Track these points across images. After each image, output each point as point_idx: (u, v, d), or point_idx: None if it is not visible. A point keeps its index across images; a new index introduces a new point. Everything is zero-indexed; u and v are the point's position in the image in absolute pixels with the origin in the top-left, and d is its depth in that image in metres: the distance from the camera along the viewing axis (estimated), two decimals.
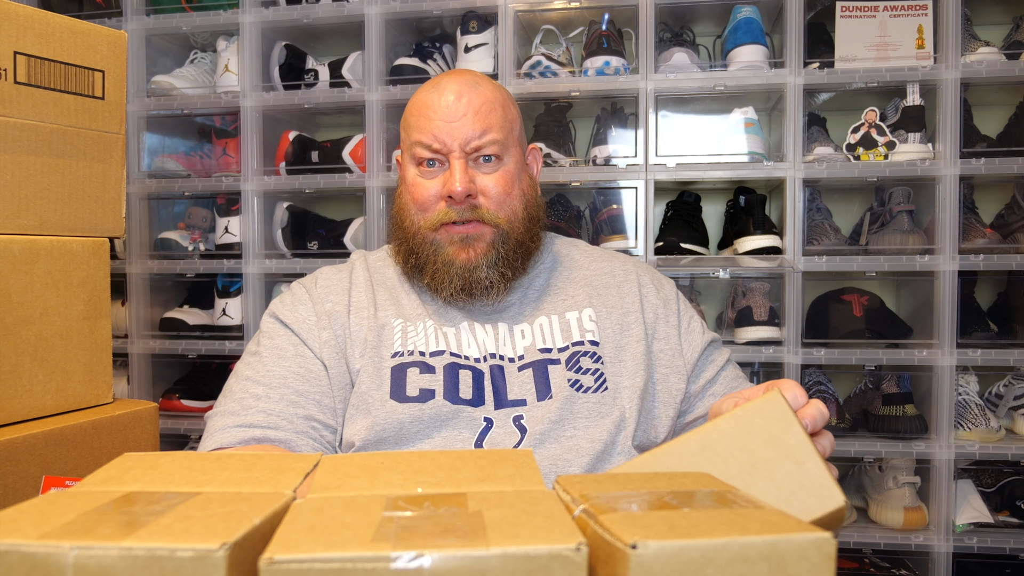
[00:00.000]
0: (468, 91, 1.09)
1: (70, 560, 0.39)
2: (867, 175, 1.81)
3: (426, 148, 1.08)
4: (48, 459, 1.03)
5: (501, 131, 1.09)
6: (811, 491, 0.62)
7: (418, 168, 1.11)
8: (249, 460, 0.58)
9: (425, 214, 1.10)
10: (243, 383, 1.06)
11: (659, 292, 1.17)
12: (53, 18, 1.09)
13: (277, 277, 2.06)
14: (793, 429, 0.65)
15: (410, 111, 1.13)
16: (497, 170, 1.10)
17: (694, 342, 1.14)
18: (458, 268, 1.08)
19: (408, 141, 1.12)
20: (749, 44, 1.84)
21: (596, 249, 1.26)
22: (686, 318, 1.17)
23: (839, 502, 0.62)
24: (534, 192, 1.17)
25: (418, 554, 0.38)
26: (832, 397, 1.90)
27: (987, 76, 1.76)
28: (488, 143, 1.08)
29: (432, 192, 1.09)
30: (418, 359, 1.06)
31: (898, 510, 1.79)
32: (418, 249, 1.11)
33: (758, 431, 0.65)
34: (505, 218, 1.10)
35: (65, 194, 1.12)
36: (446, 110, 1.08)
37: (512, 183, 1.11)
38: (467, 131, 1.07)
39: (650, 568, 0.39)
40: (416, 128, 1.10)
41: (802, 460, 0.63)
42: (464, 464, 0.56)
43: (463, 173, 1.07)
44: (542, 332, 1.10)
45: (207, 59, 2.14)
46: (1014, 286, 1.89)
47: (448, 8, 1.94)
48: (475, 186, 1.08)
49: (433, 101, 1.09)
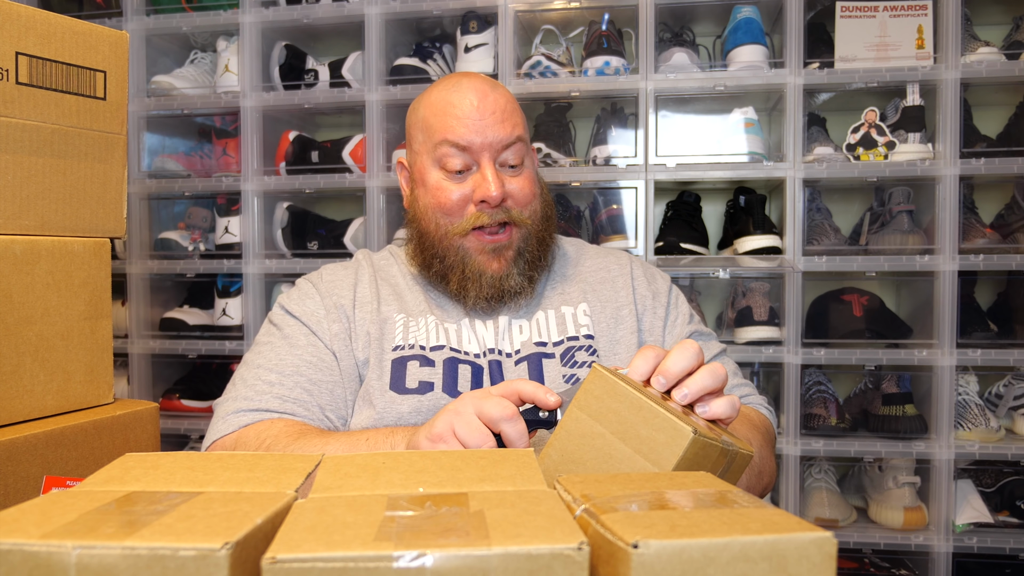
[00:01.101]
0: (491, 92, 1.09)
1: (72, 559, 0.39)
2: (867, 175, 1.81)
3: (454, 147, 1.07)
4: (49, 459, 1.03)
5: (524, 130, 1.11)
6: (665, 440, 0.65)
7: (443, 172, 1.09)
8: (251, 460, 0.58)
9: (452, 218, 1.09)
10: (255, 371, 1.05)
11: (650, 285, 1.18)
12: (55, 19, 1.09)
13: (277, 277, 2.06)
14: (624, 394, 0.67)
15: (431, 111, 1.11)
16: (521, 173, 1.11)
17: (676, 334, 1.15)
18: (489, 278, 1.08)
19: (430, 142, 1.10)
20: (749, 44, 1.85)
21: (595, 247, 1.27)
22: (674, 313, 1.17)
23: (687, 435, 0.64)
24: (546, 191, 1.19)
25: (420, 553, 0.38)
26: (832, 397, 1.90)
27: (987, 76, 1.76)
28: (516, 141, 1.09)
29: (460, 197, 1.08)
30: (418, 352, 1.07)
31: (898, 510, 1.79)
32: (444, 254, 1.10)
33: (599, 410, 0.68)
34: (529, 217, 1.11)
35: (66, 194, 1.12)
36: (473, 110, 1.07)
37: (534, 184, 1.13)
38: (497, 132, 1.07)
39: (651, 567, 0.39)
40: (441, 128, 1.08)
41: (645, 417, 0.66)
42: (465, 464, 0.56)
43: (496, 177, 1.06)
44: (539, 326, 1.11)
45: (207, 59, 2.14)
46: (1014, 286, 1.89)
47: (448, 8, 1.94)
48: (505, 190, 1.08)
49: (457, 100, 1.08)
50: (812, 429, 1.84)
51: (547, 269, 1.18)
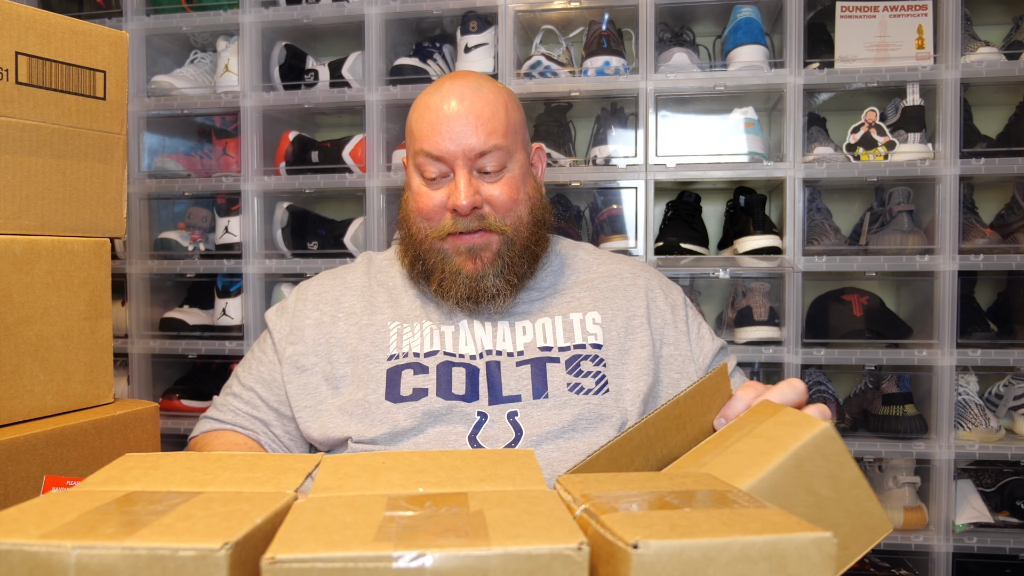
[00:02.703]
0: (471, 94, 1.08)
1: (72, 559, 0.39)
2: (867, 175, 1.81)
3: (429, 157, 1.07)
4: (49, 459, 1.03)
5: (505, 136, 1.08)
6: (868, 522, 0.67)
7: (422, 178, 1.10)
8: (250, 460, 0.58)
9: (430, 223, 1.10)
10: (232, 379, 1.20)
11: (667, 298, 1.17)
12: (54, 18, 1.09)
13: (277, 277, 2.06)
14: (848, 464, 0.68)
15: (413, 116, 1.12)
16: (502, 178, 1.09)
17: (705, 348, 1.15)
18: (464, 278, 1.08)
19: (412, 148, 1.11)
20: (749, 44, 1.84)
21: (603, 252, 1.26)
22: (695, 324, 1.17)
23: (889, 529, 0.68)
24: (539, 195, 1.16)
25: (420, 554, 0.38)
26: (832, 397, 1.90)
27: (987, 76, 1.76)
28: (492, 149, 1.06)
29: (437, 203, 1.08)
30: (412, 360, 1.07)
31: (898, 510, 1.79)
32: (425, 256, 1.11)
33: (818, 470, 0.67)
34: (511, 225, 1.09)
35: (66, 194, 1.12)
36: (449, 117, 1.06)
37: (517, 190, 1.10)
38: (471, 139, 1.05)
39: (651, 567, 0.39)
40: (419, 136, 1.09)
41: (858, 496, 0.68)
42: (465, 464, 0.56)
43: (468, 186, 1.05)
44: (544, 331, 1.11)
45: (207, 59, 2.14)
46: (1014, 286, 1.89)
47: (448, 8, 1.94)
48: (480, 197, 1.07)
49: (435, 104, 1.08)
50: None
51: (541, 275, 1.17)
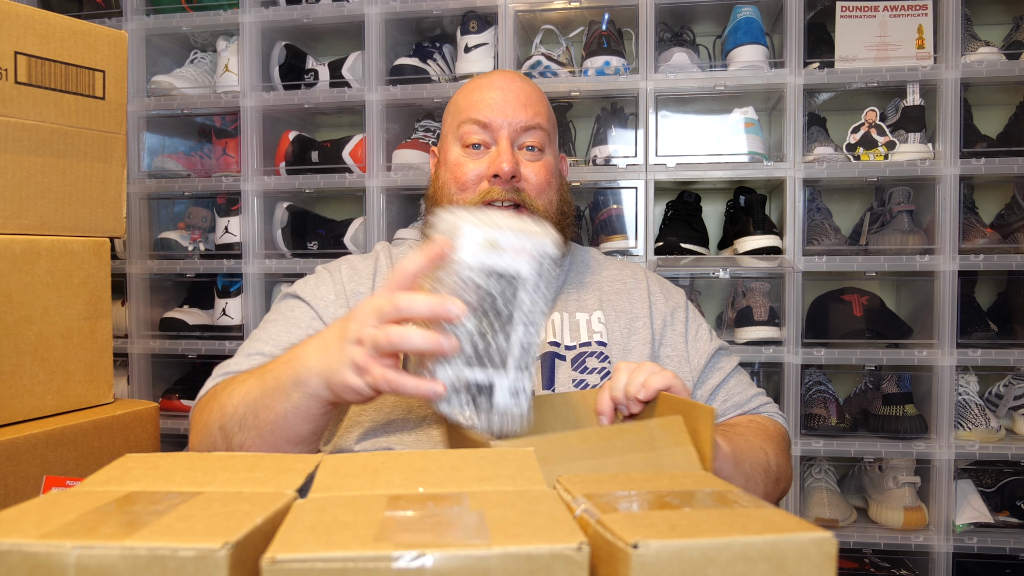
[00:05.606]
0: (519, 81, 1.17)
1: (72, 560, 0.39)
2: (867, 175, 1.81)
3: (476, 124, 1.13)
4: (49, 459, 1.03)
5: (547, 121, 1.16)
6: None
7: (463, 148, 1.14)
8: (250, 460, 0.58)
9: (465, 193, 1.13)
10: (253, 343, 1.09)
11: (668, 300, 1.20)
12: (54, 18, 1.09)
13: (277, 277, 2.06)
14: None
15: (459, 95, 1.19)
16: (540, 159, 1.15)
17: (701, 349, 1.16)
18: None
19: (456, 121, 1.16)
20: (749, 44, 1.84)
21: (609, 257, 1.30)
22: (694, 326, 1.19)
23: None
24: (566, 191, 1.22)
25: (420, 553, 0.38)
26: (832, 397, 1.90)
27: (987, 76, 1.76)
28: (536, 126, 1.13)
29: (475, 172, 1.12)
30: None
31: (898, 510, 1.79)
32: None
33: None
34: (543, 207, 1.13)
35: (66, 194, 1.12)
36: (499, 92, 1.14)
37: (552, 174, 1.16)
38: (519, 113, 1.13)
39: (651, 567, 0.39)
40: (466, 107, 1.15)
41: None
42: (465, 464, 0.56)
43: (510, 153, 1.11)
44: (553, 327, 1.13)
45: (207, 59, 2.14)
46: (1014, 286, 1.89)
47: (448, 8, 1.94)
48: (519, 169, 1.11)
49: (485, 83, 1.16)
50: (812, 429, 1.84)
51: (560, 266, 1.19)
